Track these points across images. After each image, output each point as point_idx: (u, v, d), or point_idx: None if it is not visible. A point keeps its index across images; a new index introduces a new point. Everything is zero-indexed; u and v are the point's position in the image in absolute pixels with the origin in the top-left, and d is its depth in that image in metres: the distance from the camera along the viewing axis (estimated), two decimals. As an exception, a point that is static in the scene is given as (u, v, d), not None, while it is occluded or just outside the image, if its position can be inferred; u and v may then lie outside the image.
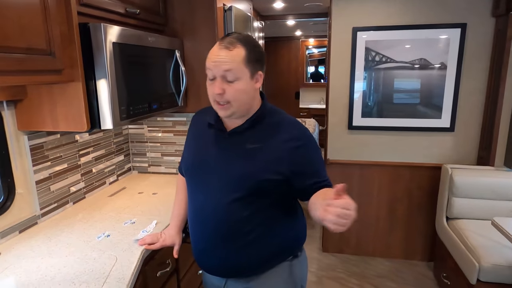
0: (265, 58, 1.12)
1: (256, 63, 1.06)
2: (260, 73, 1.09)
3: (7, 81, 1.07)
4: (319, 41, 6.91)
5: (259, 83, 1.09)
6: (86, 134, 1.84)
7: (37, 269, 1.17)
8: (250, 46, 1.05)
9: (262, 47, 1.19)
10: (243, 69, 1.03)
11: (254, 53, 1.05)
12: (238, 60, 1.02)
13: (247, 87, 1.05)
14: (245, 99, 1.07)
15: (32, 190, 1.51)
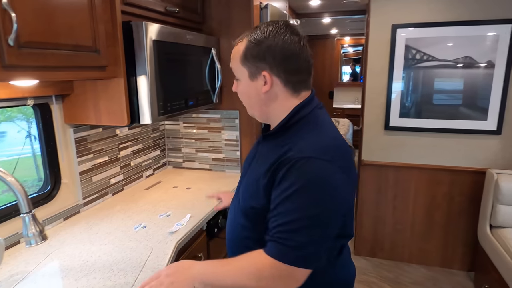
0: (285, 53, 0.85)
1: (255, 60, 0.85)
2: (265, 73, 0.85)
3: (56, 76, 1.14)
4: (355, 39, 6.74)
5: (267, 85, 0.86)
6: (126, 128, 1.91)
7: (79, 254, 1.24)
8: (254, 40, 0.85)
9: (284, 39, 0.85)
10: (240, 68, 0.89)
11: (254, 50, 0.85)
12: (235, 57, 0.90)
13: (248, 89, 0.90)
14: (251, 103, 0.92)
15: (76, 181, 1.59)
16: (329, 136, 0.86)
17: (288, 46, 0.85)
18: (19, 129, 2.95)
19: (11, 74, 0.97)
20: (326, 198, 0.78)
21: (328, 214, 0.78)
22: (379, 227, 2.84)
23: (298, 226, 0.77)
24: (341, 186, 0.80)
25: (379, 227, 2.84)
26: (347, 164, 0.84)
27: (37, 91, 1.33)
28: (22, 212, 0.91)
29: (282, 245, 0.78)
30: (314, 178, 0.77)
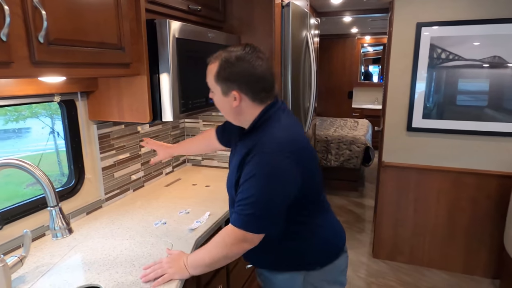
0: (250, 77, 1.03)
1: (227, 81, 1.04)
2: (234, 93, 1.03)
3: (82, 73, 1.16)
4: (376, 38, 6.63)
5: (236, 102, 1.05)
6: (147, 125, 1.94)
7: (101, 248, 1.26)
8: (224, 63, 1.03)
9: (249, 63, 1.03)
10: (214, 85, 1.07)
11: (225, 72, 1.03)
12: (210, 75, 1.08)
13: (222, 103, 1.09)
14: (225, 112, 1.12)
15: (98, 176, 1.62)
16: (286, 132, 1.06)
17: (254, 71, 1.03)
18: (43, 125, 3.03)
19: (40, 71, 0.99)
20: (274, 182, 0.99)
21: (275, 193, 1.00)
22: (399, 230, 2.78)
23: (252, 201, 0.99)
24: (290, 174, 1.01)
25: (399, 230, 2.78)
26: (301, 154, 1.05)
27: (64, 88, 1.36)
28: (49, 205, 0.93)
29: (239, 215, 1.01)
30: (267, 167, 0.99)
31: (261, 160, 0.99)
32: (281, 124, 1.06)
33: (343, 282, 1.26)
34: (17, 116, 2.84)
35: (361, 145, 4.19)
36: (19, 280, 1.07)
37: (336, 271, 1.21)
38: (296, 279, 1.18)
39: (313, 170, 1.11)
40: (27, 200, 1.34)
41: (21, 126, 2.96)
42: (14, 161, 0.92)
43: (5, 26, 0.85)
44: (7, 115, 2.76)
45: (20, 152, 3.16)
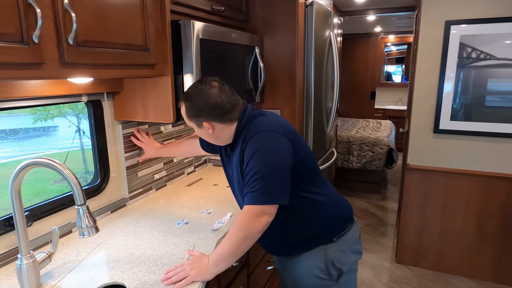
0: (210, 107, 1.14)
1: (196, 116, 1.17)
2: (205, 123, 1.17)
3: (109, 74, 1.18)
4: (400, 37, 6.46)
5: (211, 129, 1.18)
6: (170, 126, 1.96)
7: (125, 247, 1.28)
8: (188, 104, 1.16)
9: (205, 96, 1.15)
10: (189, 122, 1.21)
11: (191, 111, 1.17)
12: (183, 115, 1.21)
13: (201, 133, 1.23)
14: (208, 139, 1.24)
15: (123, 175, 1.65)
16: (268, 116, 1.21)
17: (211, 101, 1.15)
18: (70, 124, 3.13)
19: (69, 72, 1.01)
20: (272, 154, 1.10)
21: (276, 164, 1.09)
22: (424, 235, 2.69)
23: (261, 174, 1.07)
24: (284, 145, 1.12)
25: (424, 235, 2.69)
26: (288, 132, 1.17)
27: (91, 88, 1.39)
28: (77, 204, 0.94)
29: (251, 193, 1.07)
30: (262, 143, 1.11)
31: (256, 139, 1.11)
32: (262, 114, 1.21)
33: (359, 250, 1.34)
34: (45, 115, 2.95)
35: (384, 146, 4.09)
36: (47, 276, 1.10)
37: (352, 240, 1.29)
38: (317, 256, 1.24)
39: (302, 146, 1.21)
40: (55, 197, 1.38)
41: (49, 125, 3.07)
42: (44, 160, 0.95)
43: (37, 28, 0.87)
44: (37, 114, 2.86)
45: (48, 150, 3.27)
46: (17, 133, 2.91)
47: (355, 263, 1.31)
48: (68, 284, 1.06)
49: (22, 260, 1.00)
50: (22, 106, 1.23)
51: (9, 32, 0.83)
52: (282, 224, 1.20)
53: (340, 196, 1.35)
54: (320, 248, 1.24)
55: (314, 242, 1.24)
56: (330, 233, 1.25)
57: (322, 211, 1.25)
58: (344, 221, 1.30)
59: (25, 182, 2.87)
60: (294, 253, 1.28)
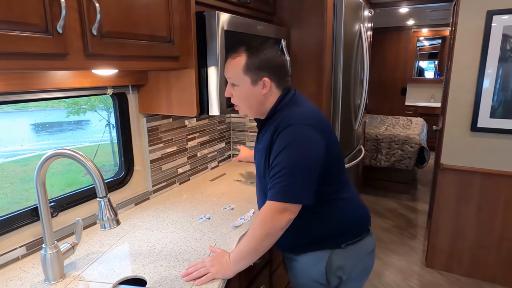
0: (275, 64, 1.12)
1: (257, 69, 1.10)
2: (265, 79, 1.11)
3: (133, 66, 1.17)
4: (434, 31, 6.17)
5: (266, 89, 1.12)
6: (194, 120, 1.94)
7: (147, 240, 1.28)
8: (253, 54, 1.10)
9: (272, 52, 1.13)
10: (242, 77, 1.12)
11: (255, 61, 1.10)
12: (237, 68, 1.12)
13: (249, 93, 1.14)
14: (250, 104, 1.16)
15: (147, 168, 1.65)
16: (306, 108, 1.14)
17: (278, 59, 1.14)
18: (100, 118, 3.20)
19: (93, 63, 1.01)
20: (304, 151, 1.05)
21: (307, 162, 1.04)
22: (457, 239, 2.54)
23: (286, 171, 1.02)
24: (317, 143, 1.07)
25: (457, 239, 2.54)
26: (323, 127, 1.11)
27: (116, 81, 1.39)
28: (98, 196, 0.94)
29: (275, 188, 1.03)
30: (295, 138, 1.05)
31: (288, 132, 1.06)
32: (300, 104, 1.15)
33: (368, 265, 1.27)
34: (77, 109, 3.03)
35: (415, 145, 3.92)
36: (71, 266, 1.11)
37: (362, 252, 1.23)
38: (321, 258, 1.19)
39: (334, 145, 1.15)
40: (80, 189, 1.40)
41: (81, 119, 3.16)
42: (67, 151, 0.94)
43: (61, 18, 0.86)
44: (69, 109, 2.95)
45: (80, 143, 3.36)
46: (52, 127, 3.01)
47: (359, 278, 1.24)
48: (91, 275, 1.06)
49: (46, 250, 1.01)
50: (50, 98, 1.24)
51: (34, 22, 0.83)
52: (295, 220, 1.13)
53: (361, 203, 1.28)
54: (326, 251, 1.18)
55: (322, 244, 1.19)
56: (340, 238, 1.19)
57: (339, 214, 1.19)
58: (358, 229, 1.23)
59: (59, 173, 2.96)
60: (299, 251, 1.23)
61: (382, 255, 2.86)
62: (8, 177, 2.92)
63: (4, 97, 1.09)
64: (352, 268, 1.20)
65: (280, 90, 1.15)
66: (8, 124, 2.26)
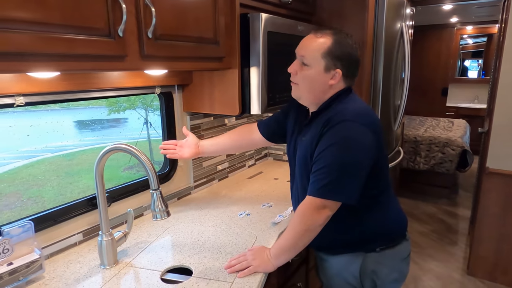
0: (353, 61, 1.09)
1: (336, 59, 1.06)
2: (338, 71, 1.07)
3: (182, 66, 1.24)
4: (480, 28, 5.86)
5: (334, 80, 1.08)
6: (233, 118, 2.00)
7: (191, 233, 1.34)
8: (338, 42, 1.05)
9: (354, 49, 1.10)
10: (318, 59, 1.06)
11: (338, 50, 1.05)
12: (316, 48, 1.06)
13: (317, 77, 1.08)
14: (312, 88, 1.10)
15: (189, 165, 1.72)
16: (360, 106, 1.11)
17: (357, 57, 1.11)
18: (139, 116, 3.34)
19: (147, 64, 1.07)
20: (354, 152, 1.02)
21: (355, 163, 1.02)
22: (504, 247, 2.41)
23: (330, 169, 1.01)
24: (369, 144, 1.04)
25: (504, 247, 2.41)
26: (376, 128, 1.08)
27: (163, 81, 1.46)
28: (151, 188, 1.00)
29: (316, 184, 1.03)
30: (346, 136, 1.02)
31: (339, 128, 1.03)
32: (355, 101, 1.12)
33: (403, 271, 1.24)
34: (118, 107, 3.20)
35: (457, 148, 3.76)
36: (123, 253, 1.19)
37: (397, 257, 1.20)
38: (354, 261, 1.17)
39: (383, 148, 1.12)
40: (129, 182, 1.49)
41: (120, 117, 3.33)
42: (124, 146, 1.02)
43: (122, 23, 0.93)
44: (111, 107, 3.12)
45: (119, 140, 3.51)
46: (93, 124, 3.20)
47: (394, 283, 1.21)
48: (141, 263, 1.13)
49: (102, 237, 1.09)
50: (106, 96, 1.34)
51: (99, 27, 0.90)
52: (332, 220, 1.10)
53: (399, 207, 1.25)
54: (360, 254, 1.17)
55: (356, 246, 1.17)
56: (375, 242, 1.17)
57: (377, 217, 1.16)
58: (395, 234, 1.20)
59: (101, 168, 3.08)
60: (332, 251, 1.22)
61: (419, 260, 2.78)
62: (54, 171, 3.14)
63: (69, 95, 1.19)
64: (387, 273, 1.18)
65: (345, 84, 1.12)
66: (55, 121, 2.43)
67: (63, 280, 1.04)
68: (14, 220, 1.11)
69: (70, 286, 1.01)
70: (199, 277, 1.05)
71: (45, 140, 2.70)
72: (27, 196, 2.50)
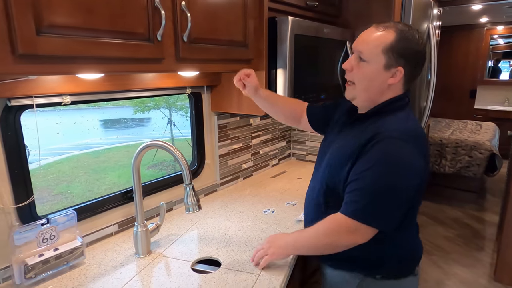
0: (419, 60, 0.97)
1: (398, 56, 0.94)
2: (399, 69, 0.95)
3: (213, 68, 1.30)
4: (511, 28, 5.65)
5: (394, 79, 0.96)
6: (258, 118, 2.05)
7: (218, 227, 1.40)
8: (403, 38, 0.93)
9: (422, 45, 0.97)
10: (378, 55, 0.95)
11: (401, 46, 0.93)
12: (377, 43, 0.95)
13: (375, 75, 0.97)
14: (369, 86, 0.99)
15: (216, 162, 1.79)
16: (414, 125, 0.99)
17: (424, 57, 0.99)
18: (163, 116, 3.45)
19: (181, 66, 1.14)
20: (400, 174, 0.91)
21: (399, 187, 0.91)
22: (533, 254, 2.35)
23: (371, 191, 0.91)
24: (416, 168, 0.93)
25: (533, 254, 2.35)
26: (426, 153, 0.98)
27: (194, 82, 1.53)
28: (185, 183, 1.07)
29: (353, 205, 0.93)
30: (394, 157, 0.91)
31: (387, 146, 0.92)
32: (407, 117, 1.00)
33: None
34: (143, 107, 3.33)
35: (485, 151, 3.66)
36: (155, 244, 1.26)
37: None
38: (349, 283, 1.08)
39: (427, 171, 1.01)
40: (160, 178, 1.56)
41: (144, 116, 3.45)
42: (159, 142, 1.09)
43: (161, 27, 1.00)
44: (137, 106, 3.25)
45: (143, 139, 3.64)
46: (118, 123, 3.34)
47: None
48: (172, 253, 1.20)
49: (138, 227, 1.17)
50: (141, 96, 1.42)
51: (140, 32, 0.97)
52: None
53: (417, 235, 1.12)
54: (358, 276, 1.06)
55: (357, 264, 1.05)
56: (379, 267, 1.04)
57: (389, 240, 1.00)
58: (404, 264, 1.07)
59: (125, 165, 3.25)
60: (331, 262, 1.11)
61: (443, 264, 2.74)
62: (82, 167, 3.29)
63: (109, 95, 1.28)
64: None
65: (403, 89, 1.00)
66: (82, 120, 2.56)
67: (102, 267, 1.12)
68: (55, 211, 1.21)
69: (108, 272, 1.09)
70: (228, 268, 1.11)
71: (74, 138, 2.84)
72: (57, 191, 2.64)
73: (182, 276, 1.07)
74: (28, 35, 0.74)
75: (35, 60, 0.79)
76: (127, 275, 1.08)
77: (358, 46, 0.99)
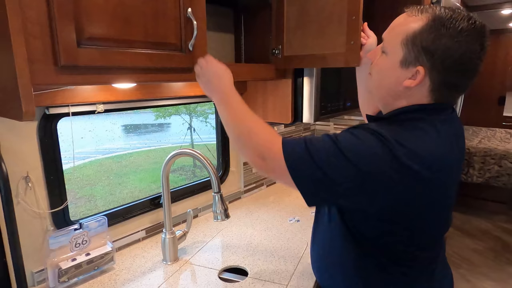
0: (453, 62, 0.71)
1: (421, 50, 0.71)
2: (419, 69, 0.72)
3: (241, 77, 1.30)
4: (543, 33, 5.44)
5: (413, 81, 0.74)
6: (282, 126, 2.04)
7: (243, 236, 1.39)
8: (433, 27, 0.70)
9: (464, 43, 0.70)
10: (396, 46, 0.75)
11: (430, 37, 0.70)
12: (399, 31, 0.75)
13: (389, 72, 0.77)
14: (381, 84, 0.81)
15: (240, 170, 1.79)
16: (440, 138, 0.74)
17: (466, 58, 0.72)
18: (183, 121, 3.49)
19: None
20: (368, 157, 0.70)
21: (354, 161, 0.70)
22: None
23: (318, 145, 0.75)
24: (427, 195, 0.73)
25: None
26: (446, 179, 0.76)
27: (220, 90, 1.54)
28: (213, 191, 1.07)
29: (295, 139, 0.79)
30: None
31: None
32: (428, 129, 0.73)
33: None
34: (164, 113, 3.38)
35: (516, 161, 3.51)
36: (182, 251, 1.27)
37: None
38: None
39: (440, 203, 0.77)
40: (185, 185, 1.58)
41: (164, 122, 3.51)
42: (189, 151, 1.10)
43: (193, 38, 1.02)
44: (158, 112, 3.31)
45: (163, 144, 3.70)
46: (140, 128, 3.41)
47: None
48: (199, 261, 1.21)
49: (166, 234, 1.18)
50: (171, 104, 1.44)
51: (173, 42, 0.99)
52: (351, 259, 0.87)
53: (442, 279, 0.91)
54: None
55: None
56: None
57: (397, 281, 0.83)
58: None
59: (146, 171, 3.30)
60: (328, 276, 0.95)
61: (472, 278, 2.63)
62: (105, 172, 3.36)
63: (140, 103, 1.31)
64: None
65: (430, 99, 0.76)
66: (105, 125, 2.62)
67: (131, 272, 1.14)
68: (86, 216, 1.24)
69: (137, 278, 1.11)
70: (255, 278, 1.10)
71: (98, 142, 2.91)
72: (81, 194, 2.72)
73: (210, 285, 1.07)
74: (70, 47, 0.77)
75: (75, 71, 0.81)
76: (156, 282, 1.09)
77: (385, 33, 0.82)
